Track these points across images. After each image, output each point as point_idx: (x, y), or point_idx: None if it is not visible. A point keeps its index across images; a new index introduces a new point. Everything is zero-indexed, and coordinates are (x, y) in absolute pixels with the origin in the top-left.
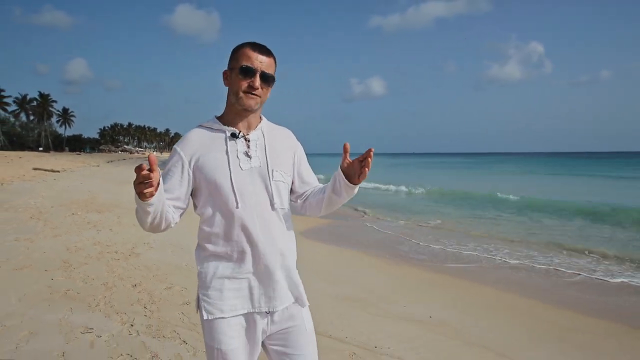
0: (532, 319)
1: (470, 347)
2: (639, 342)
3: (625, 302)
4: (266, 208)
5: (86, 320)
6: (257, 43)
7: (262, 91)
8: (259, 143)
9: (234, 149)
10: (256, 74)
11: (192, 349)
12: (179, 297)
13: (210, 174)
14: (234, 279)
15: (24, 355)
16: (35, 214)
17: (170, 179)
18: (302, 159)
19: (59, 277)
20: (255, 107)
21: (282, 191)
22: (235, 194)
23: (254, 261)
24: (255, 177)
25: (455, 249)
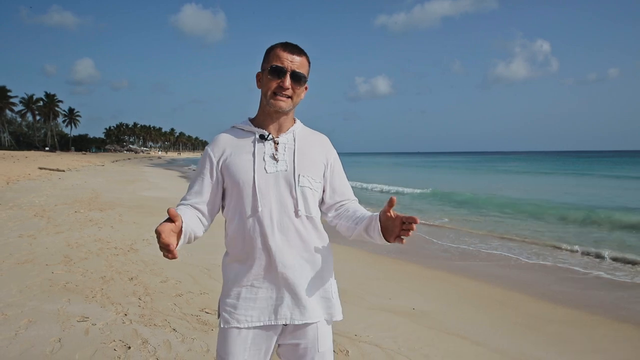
0: (513, 311)
1: (448, 336)
2: (611, 331)
3: (601, 295)
4: (289, 214)
5: (83, 310)
6: (288, 43)
7: (293, 91)
8: (288, 146)
9: (261, 151)
10: (286, 73)
11: (180, 336)
12: (172, 290)
13: (235, 175)
14: (252, 288)
15: (22, 341)
16: (39, 211)
17: (201, 180)
18: (336, 167)
19: (59, 270)
20: (286, 108)
21: (308, 198)
22: (257, 197)
23: (271, 269)
24: (280, 181)
25: (446, 246)
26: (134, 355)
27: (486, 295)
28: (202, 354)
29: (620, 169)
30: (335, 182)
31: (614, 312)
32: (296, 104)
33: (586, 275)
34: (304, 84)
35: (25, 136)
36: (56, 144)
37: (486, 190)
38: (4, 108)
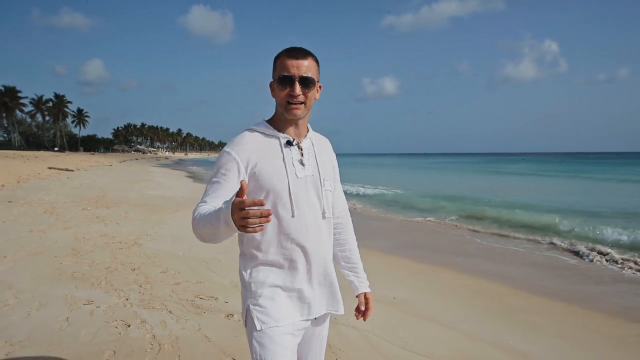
0: (490, 301)
1: (423, 321)
2: (583, 320)
3: (584, 289)
4: (318, 217)
5: (88, 295)
6: (293, 48)
7: (304, 97)
8: (310, 152)
9: (289, 156)
10: (295, 81)
11: (175, 317)
12: (171, 279)
13: (269, 181)
14: (286, 288)
15: (34, 320)
16: (49, 208)
17: (226, 184)
18: (337, 173)
19: (67, 262)
20: (301, 115)
21: (330, 200)
22: (292, 202)
23: (306, 270)
24: (309, 185)
25: (431, 240)
26: (133, 332)
27: (467, 287)
28: (194, 332)
29: (628, 171)
30: (335, 190)
31: (592, 304)
32: (310, 107)
33: (573, 271)
34: (314, 86)
35: (35, 136)
36: (65, 144)
37: (486, 192)
38: (14, 109)
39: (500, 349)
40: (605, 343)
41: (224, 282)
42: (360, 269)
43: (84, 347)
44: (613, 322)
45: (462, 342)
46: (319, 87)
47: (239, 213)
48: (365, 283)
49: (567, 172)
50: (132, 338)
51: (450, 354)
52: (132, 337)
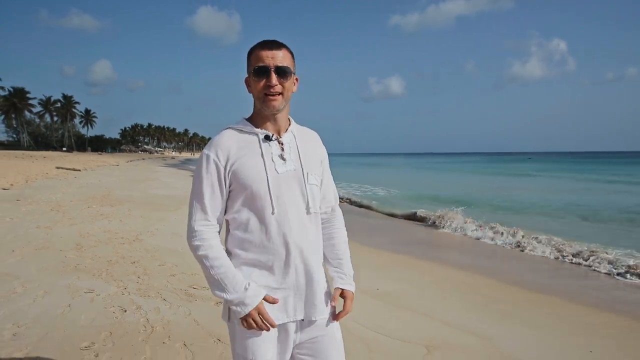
0: (472, 292)
1: (403, 310)
2: (560, 311)
3: (567, 282)
4: (302, 213)
5: (89, 285)
6: (266, 40)
7: (281, 87)
8: (292, 146)
9: (268, 152)
10: (270, 71)
11: (169, 304)
12: (168, 271)
13: (247, 178)
14: (269, 288)
15: (39, 306)
16: (55, 206)
17: (211, 188)
18: (326, 165)
19: (71, 255)
20: (280, 106)
21: (315, 195)
22: (272, 198)
23: (291, 269)
24: (291, 181)
25: (423, 236)
26: (129, 316)
27: (451, 279)
28: (184, 317)
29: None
30: (324, 182)
31: (572, 296)
32: (288, 99)
33: (559, 265)
34: (291, 76)
35: (44, 137)
36: (73, 144)
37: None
38: (23, 109)
39: (469, 332)
40: (570, 329)
41: None
42: (346, 264)
43: (83, 329)
44: (584, 311)
45: (436, 328)
46: (295, 79)
47: (256, 317)
48: (346, 280)
49: (570, 172)
50: (127, 321)
51: (423, 338)
52: (127, 320)
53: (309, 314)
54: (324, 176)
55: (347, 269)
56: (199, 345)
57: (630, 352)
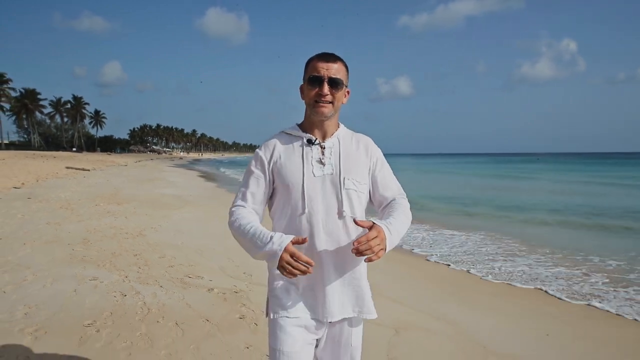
0: (451, 285)
1: (382, 299)
2: (531, 300)
3: (548, 274)
4: (333, 216)
5: (94, 274)
6: (324, 53)
7: (332, 97)
8: (334, 150)
9: (309, 155)
10: (323, 81)
11: (165, 290)
12: (167, 263)
13: (285, 177)
14: (299, 285)
15: (48, 291)
16: (65, 204)
17: (255, 181)
18: (379, 165)
19: (78, 248)
20: (328, 114)
21: (353, 199)
22: (304, 199)
23: (316, 268)
24: (327, 184)
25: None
26: (128, 300)
27: (433, 273)
28: (178, 301)
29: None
30: (379, 180)
31: (550, 287)
32: (338, 109)
33: (527, 259)
34: (342, 88)
35: (54, 137)
36: (83, 144)
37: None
38: (34, 110)
39: (437, 318)
40: (531, 315)
41: (213, 266)
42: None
43: (87, 310)
44: (547, 300)
45: (406, 314)
46: (347, 91)
47: (288, 258)
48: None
49: (581, 172)
50: (126, 304)
51: (394, 322)
52: (127, 303)
53: (332, 314)
54: (379, 175)
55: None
56: (188, 324)
57: (583, 335)
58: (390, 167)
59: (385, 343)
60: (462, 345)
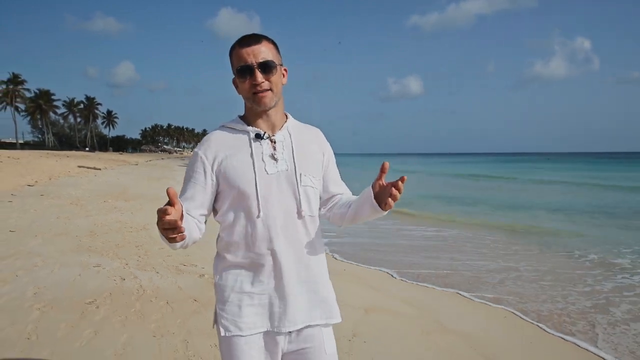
0: (417, 270)
1: (358, 284)
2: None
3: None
4: (292, 216)
5: (97, 261)
6: (244, 36)
7: (269, 83)
8: (286, 144)
9: (258, 151)
10: (254, 69)
11: (160, 276)
12: (165, 253)
13: (234, 178)
14: (254, 295)
15: (56, 274)
16: (75, 201)
17: (193, 185)
18: (331, 162)
19: (85, 240)
20: (271, 103)
21: (310, 197)
22: (258, 200)
23: (276, 275)
24: (282, 182)
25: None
26: (126, 283)
27: (405, 263)
28: (171, 284)
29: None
30: (330, 179)
31: (502, 279)
32: (279, 93)
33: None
34: (276, 69)
35: (68, 137)
36: (95, 144)
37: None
38: (48, 111)
39: (406, 302)
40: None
41: (206, 256)
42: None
43: (90, 291)
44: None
45: (378, 298)
46: (284, 70)
47: (159, 223)
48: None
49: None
50: (125, 286)
51: (365, 304)
52: (125, 286)
53: (294, 322)
54: (330, 172)
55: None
56: (178, 303)
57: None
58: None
59: (353, 321)
60: (423, 323)
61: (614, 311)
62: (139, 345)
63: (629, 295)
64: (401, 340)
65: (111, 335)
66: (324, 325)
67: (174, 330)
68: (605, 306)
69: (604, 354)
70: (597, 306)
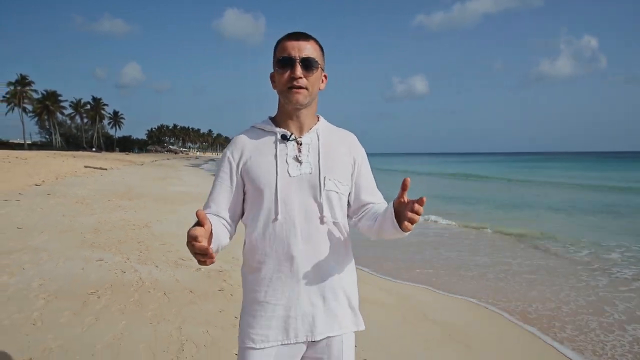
0: (401, 263)
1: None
2: (443, 274)
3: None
4: (313, 221)
5: (100, 256)
6: (294, 32)
7: (306, 81)
8: (312, 147)
9: (283, 152)
10: (295, 62)
11: (159, 269)
12: (165, 248)
13: (256, 179)
14: (268, 305)
15: (61, 268)
16: (80, 200)
17: (220, 185)
18: (364, 169)
19: (89, 236)
20: (304, 101)
21: (334, 202)
22: (277, 203)
23: (294, 283)
24: (304, 185)
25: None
26: (127, 276)
27: (393, 261)
28: (169, 277)
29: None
30: (362, 185)
31: (483, 272)
32: (315, 95)
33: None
34: (317, 69)
35: (75, 137)
36: (102, 144)
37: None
38: (55, 112)
39: (389, 292)
40: (469, 290)
41: None
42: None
43: (92, 283)
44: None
45: (363, 288)
46: (324, 76)
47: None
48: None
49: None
50: (125, 279)
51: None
52: (125, 278)
53: (312, 334)
54: (362, 179)
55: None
56: (174, 294)
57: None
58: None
59: None
60: (407, 314)
61: (578, 303)
62: (136, 331)
63: (595, 289)
64: (384, 328)
65: (111, 322)
66: (346, 335)
67: (170, 318)
68: (565, 300)
69: (558, 345)
70: (559, 300)
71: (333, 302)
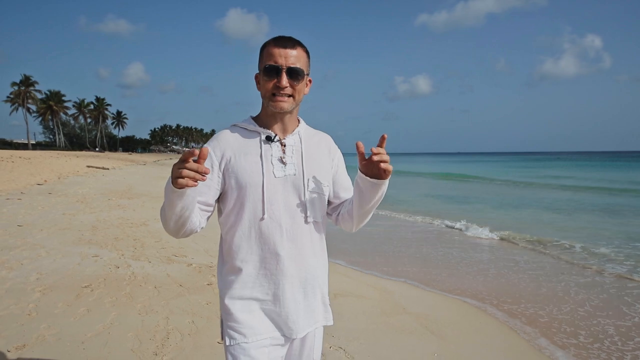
0: (387, 259)
1: (336, 272)
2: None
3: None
4: (297, 221)
5: (96, 252)
6: (281, 37)
7: (292, 90)
8: (296, 149)
9: (268, 153)
10: (281, 72)
11: (152, 265)
12: (160, 245)
13: (242, 179)
14: (255, 301)
15: (58, 263)
16: (81, 199)
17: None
18: (341, 168)
19: (87, 234)
20: (288, 108)
21: (316, 203)
22: (264, 203)
23: (278, 280)
24: (289, 186)
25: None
26: (120, 271)
27: (385, 259)
28: (161, 272)
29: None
30: (339, 185)
31: (468, 269)
32: (299, 102)
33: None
34: (304, 78)
35: (78, 137)
36: (105, 144)
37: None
38: (58, 112)
39: (373, 287)
40: (453, 286)
41: (198, 248)
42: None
43: (86, 277)
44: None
45: (347, 283)
46: (308, 80)
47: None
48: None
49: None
50: (118, 273)
51: (335, 289)
52: (119, 273)
53: (299, 329)
54: (339, 178)
55: None
56: (165, 288)
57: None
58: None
59: None
60: (385, 307)
61: (564, 300)
62: (125, 321)
63: (569, 283)
64: (361, 320)
65: (102, 312)
66: (318, 329)
67: (158, 309)
68: (550, 296)
69: (543, 341)
70: (547, 297)
71: (311, 298)
